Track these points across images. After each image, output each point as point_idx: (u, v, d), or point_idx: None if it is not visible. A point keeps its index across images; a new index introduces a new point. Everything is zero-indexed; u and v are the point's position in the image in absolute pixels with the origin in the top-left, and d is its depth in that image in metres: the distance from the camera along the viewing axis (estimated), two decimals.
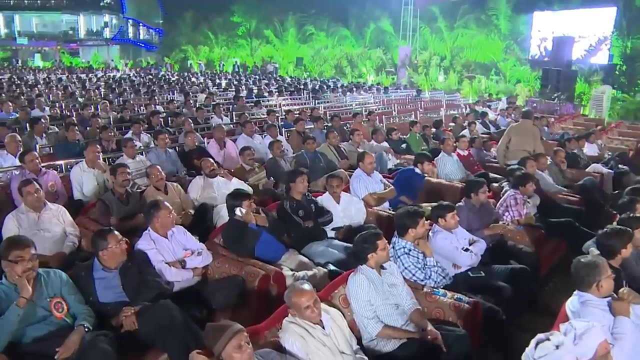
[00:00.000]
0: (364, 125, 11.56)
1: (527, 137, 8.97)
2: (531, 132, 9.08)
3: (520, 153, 8.52)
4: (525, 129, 9.13)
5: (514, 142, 9.02)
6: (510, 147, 9.06)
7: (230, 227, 4.97)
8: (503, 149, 9.15)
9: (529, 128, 9.16)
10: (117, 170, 5.85)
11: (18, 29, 50.35)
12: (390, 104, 18.52)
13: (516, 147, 8.94)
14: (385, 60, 36.02)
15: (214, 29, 45.39)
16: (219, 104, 13.14)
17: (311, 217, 5.49)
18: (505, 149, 9.12)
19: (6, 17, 49.94)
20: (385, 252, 3.96)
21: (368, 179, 6.54)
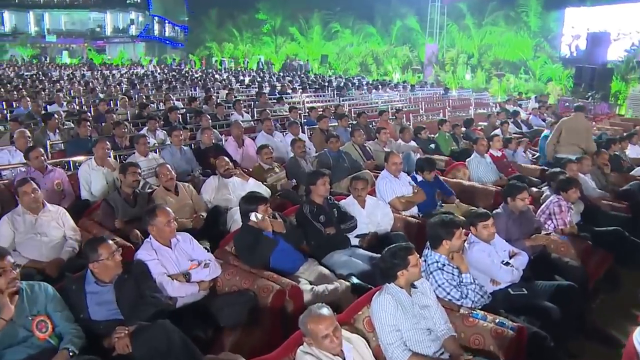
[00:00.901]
0: (390, 123, 11.02)
1: (579, 132, 8.61)
2: (584, 127, 8.74)
3: (571, 148, 8.29)
4: (577, 123, 8.75)
5: (565, 137, 8.64)
6: (560, 141, 8.66)
7: (243, 234, 4.49)
8: (553, 143, 8.74)
9: (581, 122, 8.78)
10: (128, 169, 5.42)
11: (47, 27, 50.86)
12: (417, 102, 17.91)
13: (567, 141, 8.58)
14: (411, 58, 35.36)
15: (238, 26, 45.25)
16: (239, 100, 12.67)
17: (333, 223, 4.99)
18: (556, 142, 8.71)
19: (36, 15, 50.48)
20: (417, 268, 3.45)
21: (395, 181, 6.01)
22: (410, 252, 3.44)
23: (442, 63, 32.90)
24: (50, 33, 50.88)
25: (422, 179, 6.40)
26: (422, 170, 6.42)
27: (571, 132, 8.59)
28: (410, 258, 3.42)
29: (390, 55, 36.36)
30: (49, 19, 51.19)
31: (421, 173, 6.42)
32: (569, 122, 8.82)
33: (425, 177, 6.37)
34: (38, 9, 50.30)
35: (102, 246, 3.51)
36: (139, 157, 7.00)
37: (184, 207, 5.65)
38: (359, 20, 39.43)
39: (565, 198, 5.62)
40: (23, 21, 50.34)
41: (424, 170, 6.39)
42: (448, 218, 4.03)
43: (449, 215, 4.14)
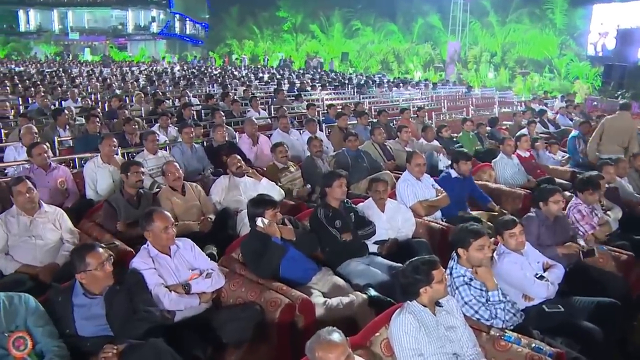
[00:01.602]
0: (412, 122, 10.58)
1: (623, 131, 8.08)
2: (629, 126, 8.19)
3: (612, 148, 7.83)
4: (622, 121, 8.21)
5: (607, 136, 8.13)
6: (602, 140, 8.15)
7: (250, 240, 4.12)
8: (596, 142, 8.21)
9: (626, 121, 8.25)
10: (130, 168, 5.09)
11: (71, 25, 51.44)
12: (439, 101, 17.42)
13: (609, 141, 8.07)
14: (433, 55, 34.86)
15: (259, 23, 45.22)
16: (255, 96, 12.35)
17: (350, 228, 4.59)
18: (599, 141, 8.19)
19: (60, 13, 51.08)
20: (442, 285, 3.04)
21: (417, 184, 5.59)
22: (434, 267, 3.04)
23: (465, 61, 32.40)
24: (73, 31, 51.44)
25: (456, 175, 6.04)
26: (456, 161, 6.07)
27: (615, 131, 8.08)
28: (435, 273, 3.02)
29: (412, 53, 35.93)
30: (72, 17, 51.77)
31: (456, 164, 6.07)
32: (612, 121, 8.27)
33: (462, 169, 6.01)
34: (62, 7, 50.87)
35: (91, 255, 3.17)
36: (147, 154, 6.68)
37: (191, 208, 5.31)
38: (380, 18, 39.11)
39: (582, 200, 5.16)
40: (47, 19, 50.98)
41: (458, 161, 6.04)
42: (472, 228, 3.61)
43: (472, 223, 3.71)
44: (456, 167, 6.07)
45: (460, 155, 6.15)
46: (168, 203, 5.22)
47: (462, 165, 6.03)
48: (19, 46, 47.91)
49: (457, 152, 6.38)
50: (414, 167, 5.59)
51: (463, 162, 6.04)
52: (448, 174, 6.12)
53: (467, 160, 6.09)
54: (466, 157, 6.14)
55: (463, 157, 6.10)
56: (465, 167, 6.04)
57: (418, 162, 5.61)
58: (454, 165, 6.12)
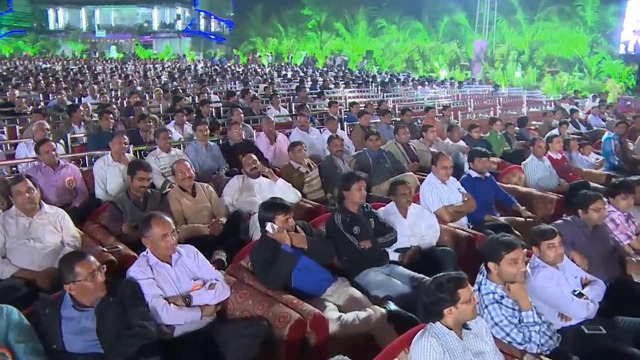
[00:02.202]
0: (437, 121, 10.18)
1: None
2: None
3: None
4: None
5: None
6: None
7: (260, 247, 3.81)
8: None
9: None
10: (136, 172, 4.79)
11: (98, 23, 51.83)
12: (465, 100, 16.94)
13: None
14: (459, 54, 34.26)
15: (283, 21, 45.02)
16: (276, 93, 12.06)
17: (369, 235, 4.25)
18: None
19: (88, 11, 51.54)
20: (470, 306, 2.68)
21: (442, 187, 5.21)
22: (461, 285, 2.68)
23: (491, 60, 31.79)
24: (100, 29, 51.82)
25: (476, 174, 5.66)
26: (472, 160, 5.72)
27: None
28: (461, 292, 2.66)
29: (437, 52, 35.41)
30: (99, 15, 52.20)
31: (472, 163, 5.72)
32: None
33: (478, 167, 5.64)
34: (90, 5, 51.37)
35: (80, 264, 2.89)
36: (160, 152, 6.43)
37: (201, 210, 5.03)
38: (405, 16, 38.66)
39: (615, 207, 4.72)
40: (75, 17, 51.46)
41: (474, 158, 5.69)
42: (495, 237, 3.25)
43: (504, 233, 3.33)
44: (472, 165, 5.72)
45: (475, 153, 5.79)
46: (177, 204, 4.95)
47: (479, 163, 5.67)
48: (48, 44, 48.43)
49: (472, 150, 6.02)
50: (440, 169, 5.22)
51: (478, 159, 5.68)
52: (468, 175, 5.74)
53: (482, 157, 5.71)
54: (481, 153, 5.75)
55: (477, 154, 5.73)
56: (481, 165, 5.68)
57: (444, 164, 5.23)
58: (470, 164, 5.78)
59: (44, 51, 45.90)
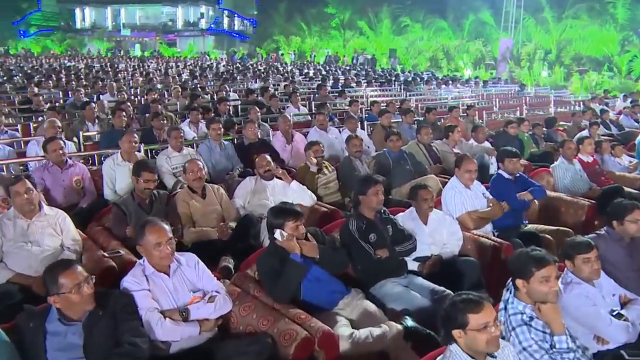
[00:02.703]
0: (461, 121, 9.82)
1: None
2: None
3: None
4: None
5: None
6: None
7: (267, 255, 3.53)
8: None
9: None
10: (141, 173, 4.57)
11: (123, 21, 52.47)
12: (490, 99, 16.49)
13: None
14: (484, 53, 33.66)
15: (307, 19, 44.90)
16: (295, 91, 11.79)
17: (386, 243, 3.96)
18: None
19: (114, 10, 52.21)
20: (483, 336, 2.35)
21: (466, 192, 4.88)
22: (473, 309, 2.36)
23: (517, 59, 31.15)
24: (125, 27, 52.42)
25: (507, 176, 5.31)
26: (501, 160, 5.38)
27: None
28: (472, 317, 2.35)
29: (462, 51, 34.90)
30: (124, 14, 52.83)
31: (502, 164, 5.37)
32: None
33: (509, 168, 5.29)
34: (115, 4, 52.01)
35: (65, 274, 2.65)
36: (172, 152, 6.21)
37: (211, 213, 4.78)
38: (430, 14, 38.23)
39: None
40: (101, 16, 52.15)
41: (504, 159, 5.34)
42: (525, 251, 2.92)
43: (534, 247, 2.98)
44: (503, 167, 5.38)
45: (505, 153, 5.42)
46: (185, 206, 4.72)
47: (509, 164, 5.31)
48: (74, 43, 49.12)
49: (501, 150, 5.65)
50: (464, 173, 4.88)
51: (509, 160, 5.32)
52: (500, 175, 5.40)
53: (512, 157, 5.33)
54: (511, 154, 5.38)
55: (508, 155, 5.36)
56: (512, 166, 5.31)
57: (469, 167, 4.88)
58: (500, 165, 5.44)
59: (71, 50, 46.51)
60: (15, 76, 18.07)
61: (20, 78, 17.72)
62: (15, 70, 22.09)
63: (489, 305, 2.41)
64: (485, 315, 2.37)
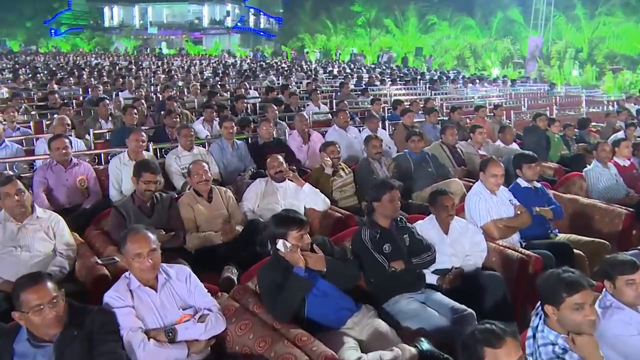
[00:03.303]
0: (488, 121, 9.38)
1: None
2: None
3: None
4: None
5: None
6: None
7: (269, 268, 3.21)
8: None
9: None
10: (142, 174, 4.27)
11: (150, 20, 52.99)
12: (518, 98, 15.95)
13: None
14: (512, 51, 32.91)
15: (332, 17, 44.65)
16: (316, 89, 11.45)
17: (402, 254, 3.61)
18: None
19: (141, 8, 52.81)
20: None
21: (492, 198, 4.47)
22: (494, 344, 2.02)
23: (547, 57, 30.39)
24: (152, 25, 52.91)
25: (526, 184, 4.86)
26: (518, 166, 4.91)
27: None
28: (489, 352, 2.02)
29: (490, 49, 34.21)
30: (152, 12, 53.36)
31: (519, 170, 4.90)
32: None
33: (527, 175, 4.83)
34: (143, 2, 52.55)
35: (29, 291, 2.37)
36: (182, 151, 5.96)
37: (217, 218, 4.48)
38: (457, 12, 37.65)
39: None
40: (129, 15, 52.81)
41: (521, 165, 4.88)
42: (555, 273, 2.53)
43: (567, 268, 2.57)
44: (520, 173, 4.91)
45: (522, 158, 4.94)
46: (189, 210, 4.43)
47: (527, 171, 4.84)
48: (102, 41, 49.83)
49: (518, 155, 5.17)
50: (489, 177, 4.47)
51: (527, 167, 4.85)
52: (517, 184, 4.92)
53: (531, 163, 4.87)
54: (530, 159, 4.91)
55: (525, 160, 4.89)
56: (531, 172, 4.85)
57: (494, 172, 4.46)
58: (517, 172, 4.96)
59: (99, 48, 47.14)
60: (39, 73, 18.09)
61: (44, 75, 17.76)
62: (41, 67, 22.21)
63: (512, 341, 2.06)
64: (506, 352, 2.03)
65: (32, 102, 11.33)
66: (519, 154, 5.14)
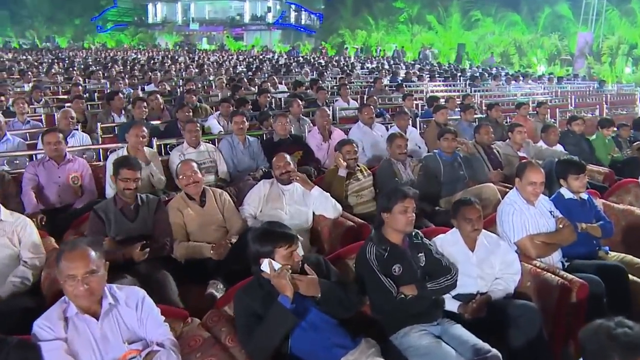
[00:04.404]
0: (530, 120, 8.59)
1: None
2: None
3: None
4: None
5: None
6: None
7: (248, 292, 2.64)
8: None
9: None
10: (120, 171, 3.79)
11: (192, 16, 53.57)
12: (565, 96, 14.96)
13: None
14: (560, 47, 31.47)
15: (374, 14, 44.10)
16: (345, 84, 10.83)
17: (415, 277, 3.00)
18: None
19: (184, 5, 53.52)
20: None
21: (529, 209, 3.77)
22: None
23: (597, 54, 28.87)
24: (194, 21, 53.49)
25: (571, 195, 4.10)
26: (563, 176, 4.14)
27: None
28: None
29: (536, 46, 32.77)
30: (194, 9, 53.95)
31: (563, 180, 4.14)
32: None
33: (573, 187, 4.07)
34: None
35: None
36: (187, 147, 5.47)
37: (209, 224, 3.96)
38: (502, 8, 36.42)
39: None
40: (172, 11, 53.62)
41: (566, 175, 4.11)
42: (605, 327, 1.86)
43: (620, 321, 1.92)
44: (564, 183, 4.14)
45: (568, 167, 4.15)
46: (178, 215, 3.92)
47: (573, 182, 4.06)
48: (145, 37, 50.67)
49: (564, 161, 4.33)
50: (527, 185, 3.77)
51: (573, 178, 4.08)
52: (559, 194, 4.16)
53: (578, 174, 4.09)
54: (577, 168, 4.12)
55: (572, 170, 4.10)
56: (577, 184, 4.07)
57: (533, 178, 3.74)
58: (562, 182, 4.18)
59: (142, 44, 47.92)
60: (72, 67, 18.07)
61: (78, 69, 17.70)
62: (79, 62, 22.29)
63: None
64: None
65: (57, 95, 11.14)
66: (564, 161, 4.35)
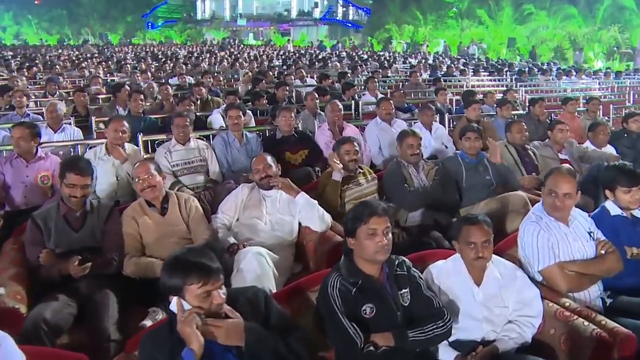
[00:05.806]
0: (578, 117, 7.61)
1: None
2: None
3: None
4: None
5: None
6: None
7: (154, 338, 1.97)
8: None
9: None
10: (66, 175, 3.21)
11: (240, 12, 54.03)
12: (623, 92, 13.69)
13: None
14: (620, 41, 29.64)
15: (423, 8, 43.10)
16: (373, 77, 10.05)
17: (393, 321, 2.26)
18: None
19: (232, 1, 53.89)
20: None
21: (558, 228, 2.93)
22: None
23: None
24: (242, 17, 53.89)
25: (618, 211, 3.19)
26: (610, 187, 3.22)
27: None
28: None
29: (593, 40, 30.95)
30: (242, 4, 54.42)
31: (610, 192, 3.23)
32: None
33: (623, 202, 3.16)
34: None
35: None
36: (175, 144, 4.86)
37: (170, 236, 3.33)
38: (557, 1, 34.59)
39: None
40: (220, 7, 54.33)
41: (614, 187, 3.19)
42: None
43: None
44: (611, 196, 3.22)
45: (619, 175, 3.21)
46: (133, 225, 3.31)
47: (623, 196, 3.18)
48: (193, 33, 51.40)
49: (613, 168, 3.34)
50: (545, 196, 2.92)
51: (624, 190, 3.17)
52: (604, 209, 3.29)
53: (631, 187, 3.17)
54: (630, 179, 3.17)
55: (623, 181, 3.17)
56: (628, 199, 3.16)
57: (560, 188, 2.88)
58: (608, 193, 3.26)
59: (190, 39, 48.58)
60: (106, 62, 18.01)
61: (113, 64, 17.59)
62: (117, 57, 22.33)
63: None
64: None
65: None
66: (614, 167, 3.38)
